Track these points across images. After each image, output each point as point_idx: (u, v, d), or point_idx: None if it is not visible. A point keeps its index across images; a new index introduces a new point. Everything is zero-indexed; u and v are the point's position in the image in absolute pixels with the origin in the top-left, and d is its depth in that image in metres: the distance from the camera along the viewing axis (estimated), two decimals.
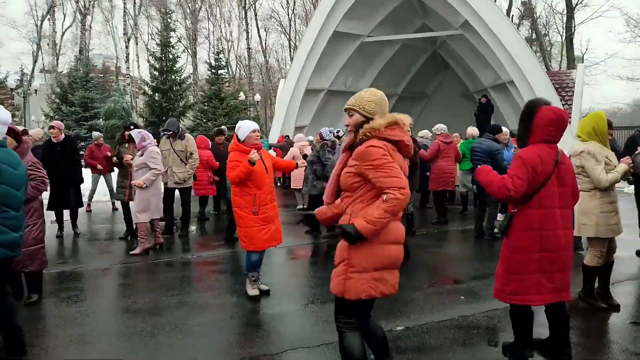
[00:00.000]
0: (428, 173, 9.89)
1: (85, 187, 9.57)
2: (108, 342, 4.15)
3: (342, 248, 3.00)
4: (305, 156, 10.11)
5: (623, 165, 4.70)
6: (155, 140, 7.32)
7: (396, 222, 2.98)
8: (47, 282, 5.79)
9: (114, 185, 10.05)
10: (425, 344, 4.09)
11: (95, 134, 11.96)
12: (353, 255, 2.93)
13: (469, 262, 7.05)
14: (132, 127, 7.77)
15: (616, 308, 4.87)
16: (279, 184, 16.33)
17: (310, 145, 11.40)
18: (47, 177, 4.59)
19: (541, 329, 3.91)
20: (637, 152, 4.62)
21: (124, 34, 37.46)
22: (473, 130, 10.46)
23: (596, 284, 4.98)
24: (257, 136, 5.13)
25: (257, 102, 38.46)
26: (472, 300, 5.20)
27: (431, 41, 20.00)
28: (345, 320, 3.00)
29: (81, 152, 13.68)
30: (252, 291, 5.27)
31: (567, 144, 5.24)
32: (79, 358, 3.83)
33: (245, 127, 5.11)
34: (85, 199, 10.00)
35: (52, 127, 8.30)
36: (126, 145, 8.02)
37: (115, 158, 8.14)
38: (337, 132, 10.21)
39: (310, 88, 17.70)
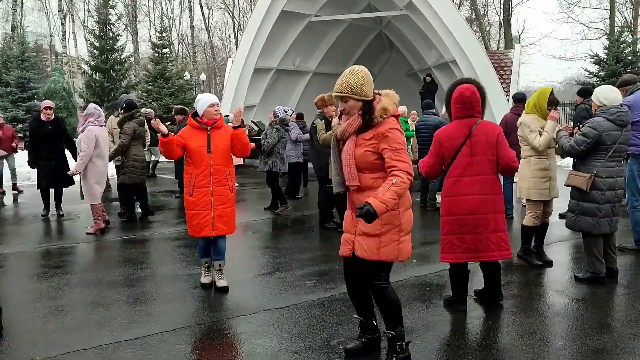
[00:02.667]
0: None
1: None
2: (86, 312, 4.33)
3: (390, 216, 3.15)
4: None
5: (549, 122, 5.15)
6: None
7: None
8: (11, 261, 5.85)
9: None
10: None
11: None
12: (403, 221, 3.22)
13: (417, 230, 7.55)
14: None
15: (549, 264, 5.48)
16: None
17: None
18: None
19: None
20: (560, 129, 5.12)
21: (59, 10, 35.87)
22: (403, 109, 11.17)
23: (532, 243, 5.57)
24: (216, 111, 4.69)
25: (203, 81, 37.98)
26: (423, 263, 5.69)
27: (377, 21, 20.39)
28: (386, 277, 3.29)
29: None
30: (203, 278, 4.98)
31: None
32: (61, 327, 4.01)
33: (203, 101, 4.71)
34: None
35: (49, 107, 8.25)
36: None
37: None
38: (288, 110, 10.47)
39: (258, 67, 17.73)
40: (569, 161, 8.25)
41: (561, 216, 7.79)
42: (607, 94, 4.74)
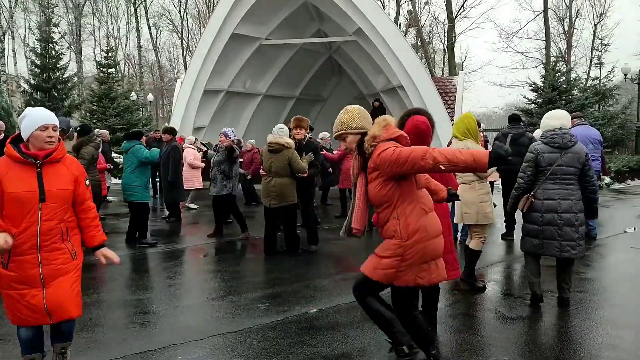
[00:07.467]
0: (330, 170, 10.65)
1: None
2: None
3: (394, 244, 3.21)
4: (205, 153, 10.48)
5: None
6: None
7: (435, 216, 3.23)
8: None
9: None
10: (338, 322, 4.55)
11: None
12: (408, 251, 3.18)
13: (370, 251, 7.68)
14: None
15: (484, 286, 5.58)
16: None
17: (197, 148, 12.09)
18: None
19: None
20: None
21: None
22: (324, 134, 11.40)
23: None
24: (50, 137, 3.15)
25: (150, 102, 37.36)
26: None
27: (327, 46, 20.79)
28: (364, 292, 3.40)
29: None
30: None
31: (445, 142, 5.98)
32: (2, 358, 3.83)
33: (30, 119, 3.15)
34: None
35: None
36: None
37: None
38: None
39: (208, 89, 17.68)
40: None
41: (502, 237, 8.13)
42: (543, 121, 5.07)
